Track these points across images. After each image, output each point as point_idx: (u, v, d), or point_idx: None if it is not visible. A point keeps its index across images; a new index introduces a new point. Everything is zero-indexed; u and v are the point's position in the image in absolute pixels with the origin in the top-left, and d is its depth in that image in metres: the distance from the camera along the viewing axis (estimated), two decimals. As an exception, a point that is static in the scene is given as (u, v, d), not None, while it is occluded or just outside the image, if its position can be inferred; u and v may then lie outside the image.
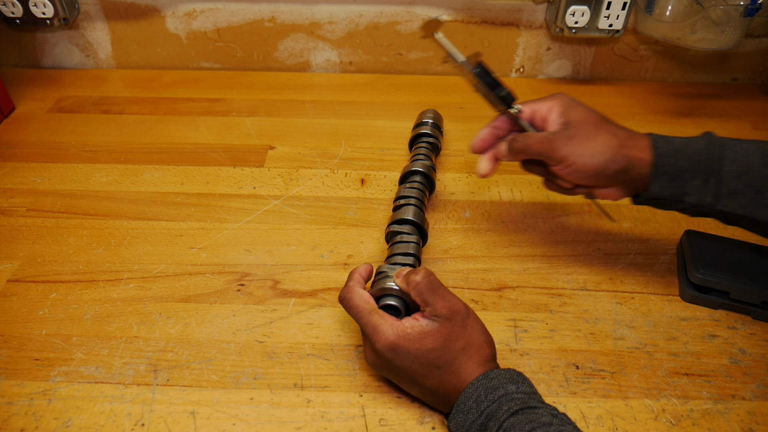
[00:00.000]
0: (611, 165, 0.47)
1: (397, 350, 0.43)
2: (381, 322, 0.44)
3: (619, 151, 0.47)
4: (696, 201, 0.47)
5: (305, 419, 0.46)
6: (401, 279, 0.47)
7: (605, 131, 0.48)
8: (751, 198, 0.46)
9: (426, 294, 0.44)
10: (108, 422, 0.45)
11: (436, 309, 0.43)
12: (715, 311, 0.55)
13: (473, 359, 0.43)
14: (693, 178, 0.46)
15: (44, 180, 0.68)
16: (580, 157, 0.47)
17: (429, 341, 0.42)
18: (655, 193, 0.48)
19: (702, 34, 0.73)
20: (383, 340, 0.43)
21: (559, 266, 0.59)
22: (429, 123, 0.69)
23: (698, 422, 0.46)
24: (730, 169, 0.46)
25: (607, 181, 0.48)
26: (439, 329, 0.43)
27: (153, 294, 0.55)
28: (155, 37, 0.87)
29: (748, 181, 0.45)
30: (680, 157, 0.47)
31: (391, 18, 0.84)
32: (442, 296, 0.44)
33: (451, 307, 0.44)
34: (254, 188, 0.68)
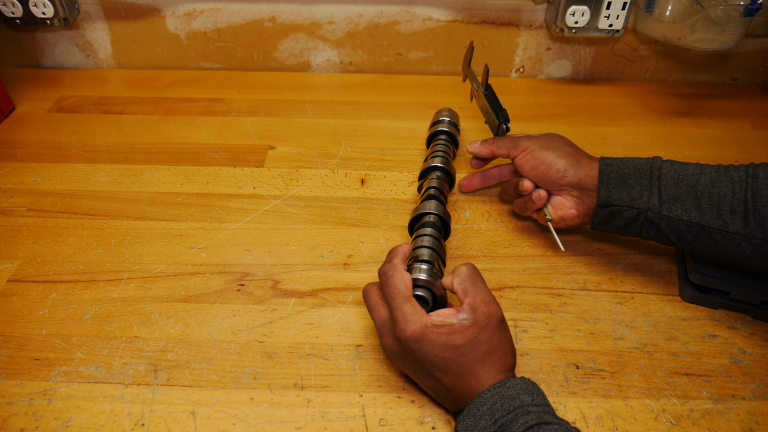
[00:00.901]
0: (560, 160, 0.54)
1: (422, 342, 0.42)
2: (413, 311, 0.43)
3: (572, 154, 0.55)
4: (643, 205, 0.50)
5: (305, 419, 0.46)
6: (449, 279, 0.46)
7: (564, 142, 0.56)
8: (692, 203, 0.48)
9: (468, 284, 0.44)
10: (108, 422, 0.45)
11: (474, 302, 0.43)
12: (715, 311, 0.55)
13: (495, 365, 0.42)
14: (637, 183, 0.50)
15: (44, 180, 0.68)
16: (538, 147, 0.55)
17: (457, 338, 0.42)
18: (604, 198, 0.51)
19: (702, 34, 0.73)
20: (410, 329, 0.42)
21: (559, 266, 0.59)
22: (446, 121, 0.69)
23: (698, 422, 0.46)
24: (668, 176, 0.50)
25: (558, 178, 0.54)
26: (471, 327, 0.42)
27: (153, 294, 0.55)
28: (155, 37, 0.87)
29: (686, 188, 0.49)
30: (624, 166, 0.52)
31: (391, 18, 0.84)
32: (484, 292, 0.44)
33: (490, 305, 0.43)
34: (254, 188, 0.68)
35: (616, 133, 0.78)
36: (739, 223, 0.46)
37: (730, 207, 0.47)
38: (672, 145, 0.76)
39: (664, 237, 0.50)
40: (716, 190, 0.47)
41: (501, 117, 0.63)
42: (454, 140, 0.68)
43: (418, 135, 0.77)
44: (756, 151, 0.75)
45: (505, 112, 0.63)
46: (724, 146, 0.76)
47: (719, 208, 0.47)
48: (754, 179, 0.47)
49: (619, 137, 0.77)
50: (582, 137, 0.77)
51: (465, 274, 0.45)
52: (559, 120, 0.80)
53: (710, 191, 0.48)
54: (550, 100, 0.85)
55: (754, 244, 0.46)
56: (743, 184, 0.47)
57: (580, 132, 0.78)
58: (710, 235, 0.47)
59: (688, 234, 0.48)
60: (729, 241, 0.47)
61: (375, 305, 0.46)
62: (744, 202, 0.46)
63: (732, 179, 0.48)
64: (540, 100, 0.85)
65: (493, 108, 0.64)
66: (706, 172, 0.49)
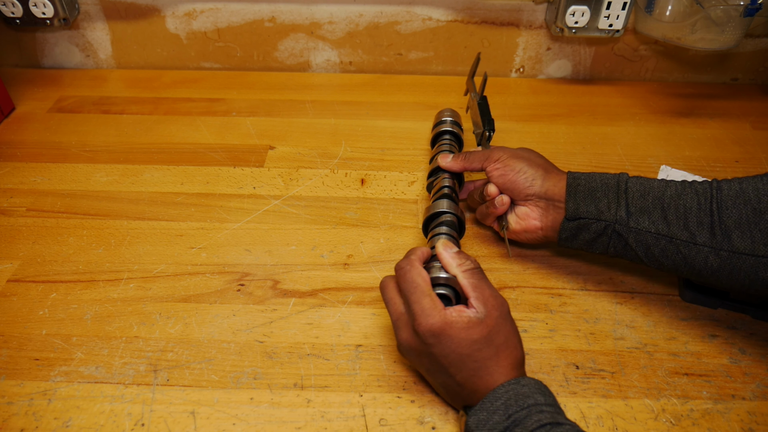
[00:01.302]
0: (530, 169, 0.54)
1: (441, 336, 0.42)
2: (432, 305, 0.43)
3: (542, 165, 0.55)
4: (611, 218, 0.49)
5: (305, 419, 0.46)
6: (456, 257, 0.46)
7: (537, 155, 0.57)
8: (659, 215, 0.48)
9: (476, 279, 0.44)
10: (108, 422, 0.45)
11: (484, 295, 0.43)
12: (715, 311, 0.55)
13: (508, 359, 0.42)
14: (604, 196, 0.50)
15: (44, 180, 0.68)
16: (509, 157, 0.55)
17: (475, 332, 0.42)
18: (571, 210, 0.51)
19: (702, 34, 0.73)
20: (429, 323, 0.42)
21: (559, 266, 0.59)
22: (449, 120, 0.69)
23: (698, 422, 0.46)
24: (635, 189, 0.50)
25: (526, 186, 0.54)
26: (486, 320, 0.42)
27: (153, 294, 0.55)
28: (155, 37, 0.87)
29: (653, 200, 0.49)
30: (591, 180, 0.52)
31: (391, 18, 0.84)
32: (489, 286, 0.44)
33: (497, 299, 0.44)
34: (254, 188, 0.68)
35: (616, 133, 0.78)
36: (705, 234, 0.46)
37: (697, 218, 0.46)
38: (672, 145, 0.76)
39: (631, 252, 0.50)
40: (682, 202, 0.47)
41: (486, 124, 0.62)
42: (459, 140, 0.68)
43: (418, 135, 0.77)
44: (756, 151, 0.75)
45: (493, 122, 0.63)
46: (724, 146, 0.76)
47: (686, 219, 0.47)
48: (719, 191, 0.46)
49: (619, 137, 0.77)
50: (582, 137, 0.77)
51: (475, 271, 0.45)
52: (559, 120, 0.80)
53: (676, 203, 0.47)
54: (550, 100, 0.85)
55: (722, 257, 0.45)
56: (708, 196, 0.47)
57: (580, 132, 0.78)
58: (678, 248, 0.47)
59: (656, 247, 0.48)
60: (696, 254, 0.46)
61: (392, 298, 0.46)
62: (710, 213, 0.46)
63: (697, 191, 0.47)
64: (540, 100, 0.85)
65: (483, 116, 0.63)
66: (671, 186, 0.49)
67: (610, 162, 0.73)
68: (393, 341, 0.52)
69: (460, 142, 0.68)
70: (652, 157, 0.74)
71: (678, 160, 0.73)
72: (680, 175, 0.67)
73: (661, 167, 0.69)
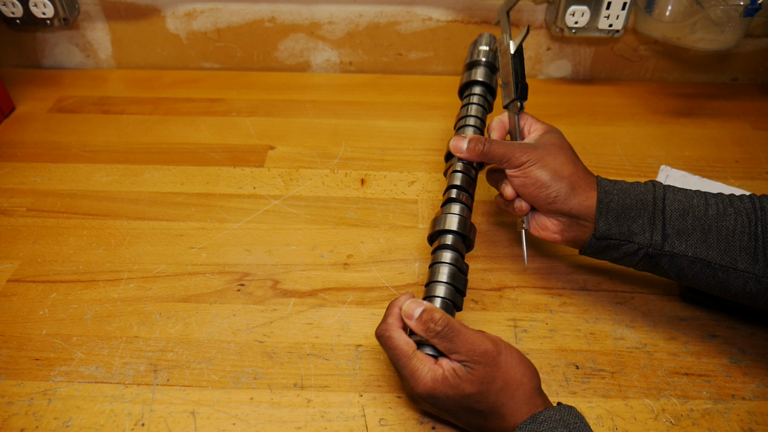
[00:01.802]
0: (555, 184, 0.48)
1: (436, 396, 0.41)
2: (419, 367, 0.41)
3: (568, 177, 0.49)
4: (644, 241, 0.46)
5: (305, 419, 0.46)
6: (418, 324, 0.42)
7: (567, 157, 0.50)
8: (699, 238, 0.45)
9: (447, 341, 0.41)
10: (108, 422, 0.45)
11: (461, 355, 0.41)
12: (715, 311, 0.55)
13: (515, 398, 0.40)
14: (639, 216, 0.46)
15: (44, 180, 0.68)
16: (533, 164, 0.49)
17: (466, 387, 0.40)
18: (602, 230, 0.47)
19: (702, 34, 0.73)
20: (421, 386, 0.41)
21: (559, 266, 0.59)
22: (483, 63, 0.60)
23: (698, 422, 0.46)
24: (674, 207, 0.46)
25: (548, 203, 0.49)
26: (473, 373, 0.40)
27: (153, 294, 0.55)
28: (155, 37, 0.87)
29: (693, 221, 0.45)
30: (625, 195, 0.47)
31: (391, 18, 0.84)
32: (465, 340, 0.41)
33: (477, 349, 0.41)
34: (254, 188, 0.68)
35: (616, 133, 0.78)
36: (747, 260, 0.43)
37: (740, 242, 0.44)
38: (672, 145, 0.76)
39: (662, 271, 0.47)
40: (725, 223, 0.44)
41: (519, 92, 0.53)
42: (492, 92, 0.60)
43: (418, 135, 0.77)
44: (756, 151, 0.75)
45: (527, 87, 0.54)
46: (724, 146, 0.76)
47: (728, 242, 0.44)
48: (763, 212, 0.44)
49: (619, 137, 0.77)
50: (582, 137, 0.77)
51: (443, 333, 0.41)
52: (559, 120, 0.80)
53: (718, 224, 0.44)
54: (550, 100, 0.85)
55: (763, 283, 0.43)
56: (752, 217, 0.44)
57: (580, 132, 0.78)
58: (715, 272, 0.45)
59: (690, 271, 0.46)
60: (735, 279, 0.44)
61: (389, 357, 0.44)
62: (755, 238, 0.43)
63: (739, 211, 0.45)
64: (540, 100, 0.85)
65: (515, 76, 0.54)
66: (712, 203, 0.46)
67: (610, 162, 0.73)
68: (393, 341, 0.52)
69: (493, 94, 0.61)
70: (652, 157, 0.74)
71: (678, 160, 0.73)
72: (680, 175, 0.67)
73: (661, 167, 0.69)
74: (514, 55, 0.54)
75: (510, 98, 0.54)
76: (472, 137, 0.52)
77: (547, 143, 0.51)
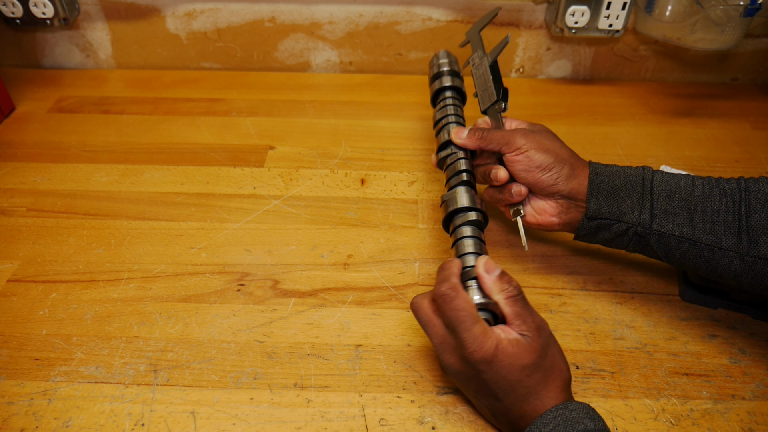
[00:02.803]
0: (555, 166, 0.50)
1: (493, 362, 0.40)
2: (483, 333, 0.41)
3: (568, 160, 0.51)
4: (633, 220, 0.48)
5: (305, 419, 0.46)
6: (498, 283, 0.43)
7: (560, 143, 0.53)
8: (685, 218, 0.46)
9: (518, 307, 0.42)
10: (108, 422, 0.45)
11: (527, 322, 0.42)
12: (715, 311, 0.55)
13: (556, 381, 0.41)
14: (628, 196, 0.48)
15: (44, 180, 0.68)
16: (534, 148, 0.50)
17: (525, 356, 0.41)
18: (593, 210, 0.49)
19: (702, 34, 0.73)
20: (482, 351, 0.40)
21: (559, 266, 0.59)
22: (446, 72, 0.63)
23: (698, 422, 0.46)
24: (661, 188, 0.48)
25: (548, 185, 0.50)
26: (533, 344, 0.41)
27: (153, 294, 0.55)
28: (155, 37, 0.87)
29: (679, 201, 0.47)
30: (615, 177, 0.49)
31: (391, 18, 0.84)
32: (532, 310, 0.43)
33: (540, 322, 0.42)
34: (254, 188, 0.68)
35: (616, 133, 0.78)
36: (732, 239, 0.44)
37: (724, 222, 0.45)
38: (672, 145, 0.76)
39: (651, 251, 0.49)
40: (710, 204, 0.46)
41: (501, 94, 0.56)
42: (462, 95, 0.63)
43: (418, 135, 0.77)
44: (756, 151, 0.75)
45: (507, 91, 0.56)
46: (724, 146, 0.76)
47: (713, 222, 0.45)
48: (747, 192, 0.45)
49: (619, 137, 0.77)
50: (582, 137, 0.77)
51: (519, 298, 0.43)
52: (559, 120, 0.80)
53: (704, 204, 0.46)
54: (550, 100, 0.85)
55: (746, 262, 0.44)
56: (736, 198, 0.45)
57: (580, 132, 0.78)
58: (701, 251, 0.46)
59: (678, 250, 0.47)
60: (720, 258, 0.45)
61: (430, 320, 0.44)
62: (738, 217, 0.45)
63: (725, 192, 0.46)
64: (540, 100, 0.85)
65: (496, 82, 0.57)
66: (698, 184, 0.47)
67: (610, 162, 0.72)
68: (393, 341, 0.52)
69: (463, 98, 0.63)
70: (652, 157, 0.74)
71: (678, 160, 0.73)
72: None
73: (661, 167, 0.69)
74: (492, 64, 0.58)
75: (491, 101, 0.56)
76: (472, 127, 0.55)
77: (539, 130, 0.54)
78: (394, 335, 0.52)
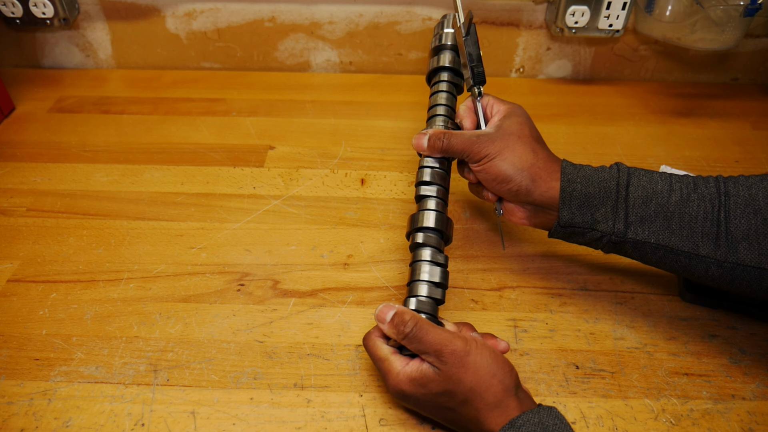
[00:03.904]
0: (516, 177, 0.48)
1: (406, 395, 0.42)
2: (391, 368, 0.43)
3: (529, 169, 0.48)
4: (607, 229, 0.46)
5: (305, 419, 0.46)
6: (390, 328, 0.43)
7: (527, 147, 0.49)
8: (662, 225, 0.45)
9: (416, 342, 0.42)
10: (108, 422, 0.45)
11: (430, 355, 0.41)
12: (715, 311, 0.55)
13: (484, 400, 0.40)
14: (602, 205, 0.47)
15: (44, 180, 0.68)
16: (493, 159, 0.48)
17: (433, 386, 0.41)
18: (565, 219, 0.48)
19: (702, 34, 0.73)
20: (392, 385, 0.43)
21: (559, 266, 0.59)
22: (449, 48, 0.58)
23: (698, 422, 0.46)
24: (637, 195, 0.46)
25: (511, 195, 0.49)
26: (439, 373, 0.41)
27: (153, 294, 0.55)
28: (155, 37, 0.87)
29: (656, 208, 0.45)
30: (588, 183, 0.47)
31: (391, 18, 0.84)
32: (433, 340, 0.41)
33: (444, 349, 0.41)
34: (254, 188, 0.68)
35: (616, 133, 0.78)
36: (709, 245, 0.43)
37: (702, 228, 0.44)
38: (672, 145, 0.76)
39: (627, 255, 0.48)
40: (687, 210, 0.44)
41: (475, 76, 0.51)
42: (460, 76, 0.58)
43: (418, 135, 0.77)
44: (756, 151, 0.75)
45: (483, 72, 0.52)
46: (724, 146, 0.76)
47: (690, 228, 0.44)
48: (726, 197, 0.44)
49: (619, 137, 0.77)
50: (582, 137, 0.77)
51: (412, 334, 0.42)
52: (559, 120, 0.80)
53: (681, 210, 0.44)
54: (550, 100, 0.85)
55: (724, 267, 0.43)
56: (715, 203, 0.44)
57: (580, 132, 0.78)
58: (677, 257, 0.45)
59: (653, 256, 0.46)
60: (697, 264, 0.44)
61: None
62: (716, 224, 0.43)
63: (703, 197, 0.44)
64: (540, 100, 0.85)
65: (470, 60, 0.51)
66: (676, 189, 0.45)
67: (610, 162, 0.72)
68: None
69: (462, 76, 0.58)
70: (652, 157, 0.74)
71: (678, 160, 0.73)
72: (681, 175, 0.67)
73: (661, 167, 0.69)
74: (466, 38, 0.52)
75: (469, 84, 0.53)
76: (433, 133, 0.51)
77: (507, 132, 0.50)
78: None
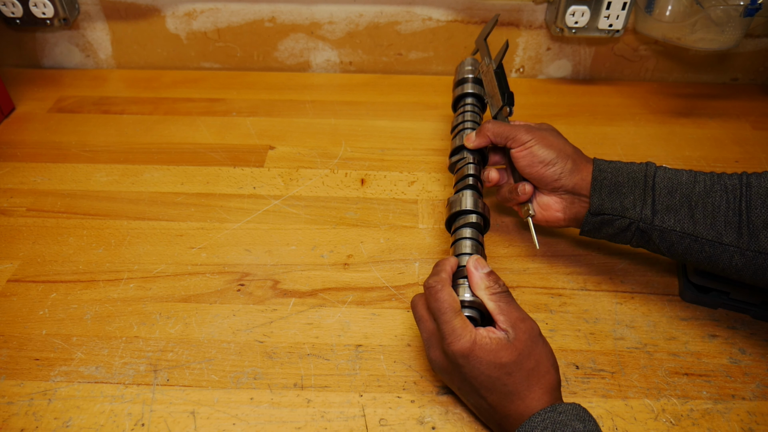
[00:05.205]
0: (559, 161, 0.52)
1: (470, 357, 0.41)
2: (462, 326, 0.42)
3: (571, 155, 0.52)
4: (635, 216, 0.49)
5: (305, 419, 0.46)
6: (485, 279, 0.44)
7: (564, 140, 0.54)
8: (686, 213, 0.47)
9: (504, 303, 0.43)
10: (108, 422, 0.45)
11: (511, 319, 0.42)
12: (715, 311, 0.55)
13: (541, 383, 0.41)
14: (630, 192, 0.49)
15: (44, 180, 0.68)
16: (538, 143, 0.53)
17: (504, 354, 0.41)
18: (596, 206, 0.50)
19: (702, 34, 0.73)
20: (459, 344, 0.41)
21: (559, 266, 0.59)
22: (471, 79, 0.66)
23: (698, 422, 0.46)
24: (663, 185, 0.49)
25: (553, 180, 0.52)
26: (514, 343, 0.41)
27: (153, 294, 0.55)
28: (155, 37, 0.87)
29: (681, 197, 0.48)
30: (618, 173, 0.50)
31: (391, 18, 0.84)
32: (517, 309, 0.43)
33: (523, 322, 0.42)
34: (254, 188, 0.68)
35: (616, 133, 0.78)
36: (732, 234, 0.45)
37: (725, 217, 0.46)
38: (672, 145, 0.76)
39: (654, 246, 0.50)
40: (710, 200, 0.47)
41: (506, 98, 0.59)
42: (482, 102, 0.65)
43: (418, 135, 0.77)
44: (756, 151, 0.75)
45: (512, 95, 0.59)
46: (724, 146, 0.76)
47: (713, 218, 0.46)
48: (748, 188, 0.46)
49: (619, 137, 0.77)
50: (582, 137, 0.77)
51: (504, 295, 0.44)
52: (559, 120, 0.80)
53: (704, 201, 0.47)
54: (550, 100, 0.85)
55: (747, 257, 0.45)
56: (737, 194, 0.46)
57: (580, 132, 0.78)
58: (702, 246, 0.46)
59: (680, 246, 0.48)
60: (721, 253, 0.46)
61: (422, 317, 0.45)
62: (738, 213, 0.45)
63: (726, 188, 0.47)
64: (540, 100, 0.85)
65: (501, 87, 0.59)
66: (700, 180, 0.48)
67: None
68: (393, 341, 0.52)
69: (484, 105, 0.66)
70: (652, 157, 0.74)
71: (678, 160, 0.73)
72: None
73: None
74: (497, 70, 0.60)
75: (498, 107, 0.59)
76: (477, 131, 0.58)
77: (544, 128, 0.55)
78: (394, 335, 0.52)
